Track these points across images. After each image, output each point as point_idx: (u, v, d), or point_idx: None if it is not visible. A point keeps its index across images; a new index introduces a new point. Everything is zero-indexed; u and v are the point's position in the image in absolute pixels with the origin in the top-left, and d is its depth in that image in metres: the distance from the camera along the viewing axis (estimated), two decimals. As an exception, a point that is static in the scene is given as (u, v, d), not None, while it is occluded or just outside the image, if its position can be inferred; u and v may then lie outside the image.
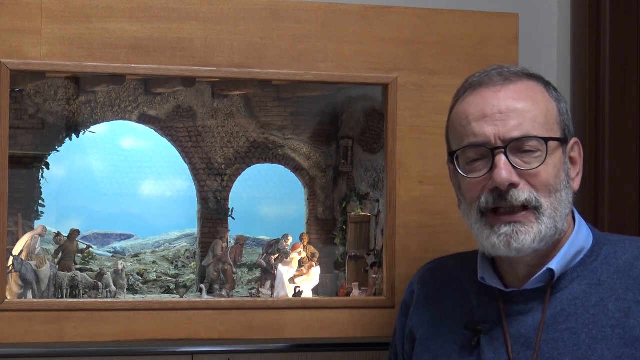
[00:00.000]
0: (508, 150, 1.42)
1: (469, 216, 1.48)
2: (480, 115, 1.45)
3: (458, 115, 1.50)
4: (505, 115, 1.43)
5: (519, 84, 1.47)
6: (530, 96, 1.46)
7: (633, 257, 1.48)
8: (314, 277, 2.07)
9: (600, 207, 2.04)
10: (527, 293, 1.48)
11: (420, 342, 1.59)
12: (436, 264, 1.69)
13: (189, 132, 2.08)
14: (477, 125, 1.45)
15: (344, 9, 1.89)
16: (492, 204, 1.43)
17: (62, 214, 2.02)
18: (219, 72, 1.85)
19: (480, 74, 1.51)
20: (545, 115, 1.46)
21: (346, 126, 2.14)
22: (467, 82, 1.52)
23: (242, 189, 2.13)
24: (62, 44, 1.77)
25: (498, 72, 1.49)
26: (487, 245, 1.45)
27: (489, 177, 1.43)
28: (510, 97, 1.45)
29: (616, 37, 2.05)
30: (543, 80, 1.52)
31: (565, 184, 1.46)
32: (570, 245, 1.49)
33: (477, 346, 1.49)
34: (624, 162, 2.04)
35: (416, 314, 1.63)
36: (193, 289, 2.09)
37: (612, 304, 1.43)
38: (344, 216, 2.13)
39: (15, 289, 1.87)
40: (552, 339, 1.43)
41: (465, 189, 1.49)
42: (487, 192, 1.44)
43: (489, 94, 1.46)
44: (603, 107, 2.05)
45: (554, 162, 1.44)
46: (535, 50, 2.11)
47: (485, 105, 1.45)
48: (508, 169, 1.42)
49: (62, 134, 2.00)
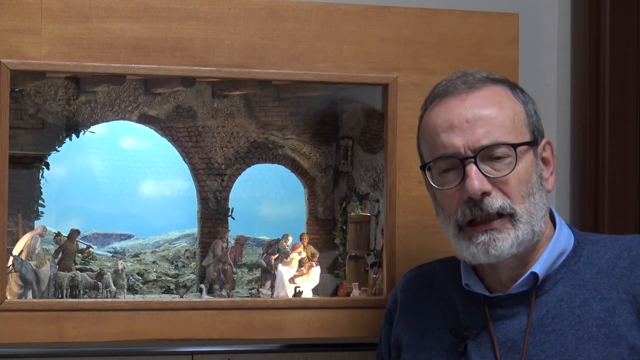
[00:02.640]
0: (478, 159, 1.43)
1: (447, 229, 1.49)
2: (447, 126, 1.46)
3: (427, 126, 1.51)
4: (473, 124, 1.44)
5: (484, 90, 1.47)
6: (497, 101, 1.46)
7: (615, 255, 1.48)
8: (314, 277, 2.07)
9: (600, 207, 2.04)
10: (512, 297, 1.48)
11: (407, 349, 1.59)
12: (418, 271, 1.69)
13: (189, 132, 2.08)
14: (446, 137, 1.45)
15: (344, 9, 1.89)
16: (469, 216, 1.44)
17: (62, 214, 2.02)
18: (219, 72, 1.86)
19: (446, 83, 1.51)
20: (513, 119, 1.46)
21: (346, 126, 2.14)
22: (433, 92, 1.53)
23: (242, 189, 2.13)
24: (62, 44, 1.77)
25: (463, 80, 1.49)
26: (467, 255, 1.46)
27: (462, 188, 1.44)
28: (476, 105, 1.45)
29: (616, 37, 2.05)
30: (509, 83, 1.52)
31: (538, 187, 1.46)
32: (553, 247, 1.49)
33: (465, 352, 1.49)
34: (624, 162, 2.05)
35: (401, 322, 1.64)
36: (193, 289, 2.09)
37: (596, 304, 1.44)
38: (344, 216, 2.13)
39: (15, 289, 1.87)
40: (539, 341, 1.44)
41: (441, 201, 1.50)
42: (463, 205, 1.44)
43: (455, 103, 1.47)
44: (603, 107, 2.05)
45: (525, 166, 1.45)
46: (535, 50, 2.11)
47: (451, 115, 1.46)
48: (479, 178, 1.42)
49: (62, 134, 2.00)
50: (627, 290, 1.43)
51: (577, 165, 2.10)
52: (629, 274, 1.45)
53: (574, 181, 2.11)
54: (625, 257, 1.47)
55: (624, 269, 1.46)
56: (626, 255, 1.47)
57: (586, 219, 2.04)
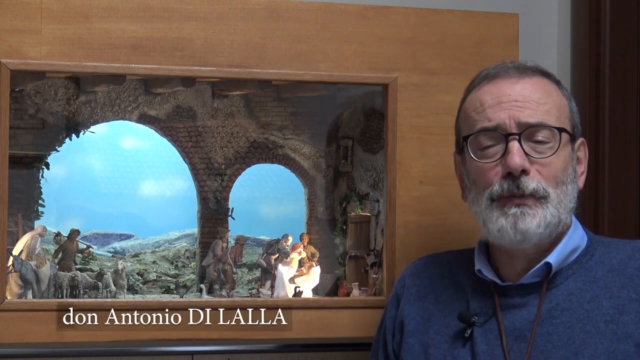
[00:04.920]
0: (522, 137, 1.44)
1: (479, 202, 1.49)
2: (495, 102, 1.48)
3: (472, 103, 1.52)
4: (522, 104, 1.46)
5: (534, 78, 1.50)
6: (546, 90, 1.49)
7: (627, 256, 1.50)
8: (314, 277, 2.07)
9: (600, 207, 2.04)
10: (524, 287, 1.49)
11: (411, 333, 1.59)
12: (430, 258, 1.70)
13: (189, 132, 2.08)
14: (492, 111, 1.47)
15: (344, 9, 1.89)
16: (507, 192, 1.44)
17: (62, 214, 2.02)
18: (219, 72, 1.85)
19: (496, 67, 1.53)
20: (559, 109, 1.49)
21: (346, 126, 2.14)
22: (482, 74, 1.54)
23: (242, 189, 2.13)
24: (62, 44, 1.77)
25: (515, 66, 1.52)
26: (493, 229, 1.46)
27: (501, 163, 1.45)
28: (526, 89, 1.48)
29: (616, 37, 2.05)
30: (555, 78, 1.55)
31: (572, 178, 1.49)
32: (567, 242, 1.50)
33: (470, 338, 1.50)
34: (624, 162, 2.05)
35: (407, 305, 1.63)
36: (193, 289, 2.09)
37: (606, 301, 1.45)
38: (344, 216, 2.13)
39: (15, 289, 1.87)
40: (547, 332, 1.45)
41: (476, 175, 1.50)
42: (501, 179, 1.45)
43: (506, 84, 1.49)
44: (603, 107, 2.05)
45: (564, 154, 1.47)
46: (535, 50, 2.11)
47: (501, 94, 1.48)
48: (521, 155, 1.44)
49: (62, 134, 2.00)
50: (637, 290, 1.45)
51: (577, 165, 2.10)
52: None
53: (574, 181, 2.11)
54: (637, 259, 1.49)
55: (635, 269, 1.47)
56: (638, 256, 1.49)
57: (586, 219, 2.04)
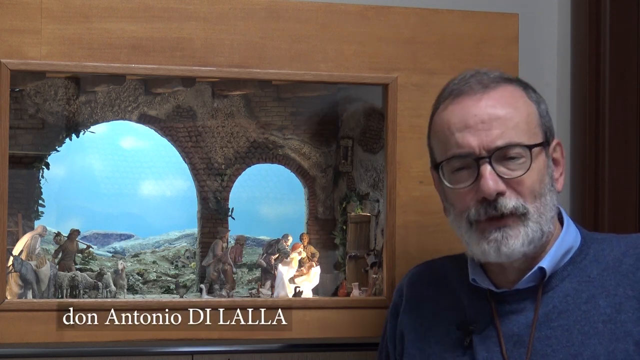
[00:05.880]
0: (492, 159, 1.43)
1: (459, 225, 1.49)
2: (462, 125, 1.46)
3: (440, 125, 1.50)
4: (488, 125, 1.44)
5: (499, 89, 1.48)
6: (511, 102, 1.47)
7: (621, 253, 1.49)
8: (314, 277, 2.07)
9: (601, 207, 2.04)
10: (519, 293, 1.49)
11: (411, 343, 1.60)
12: (425, 266, 1.70)
13: (189, 132, 2.08)
14: (461, 136, 1.45)
15: (344, 9, 1.89)
16: (483, 216, 1.44)
17: (62, 214, 2.02)
18: (219, 72, 1.85)
19: (459, 81, 1.51)
20: (527, 120, 1.47)
21: (346, 126, 2.14)
22: (446, 90, 1.52)
23: (242, 189, 2.13)
24: (62, 44, 1.77)
25: (477, 80, 1.49)
26: (477, 251, 1.47)
27: (475, 187, 1.44)
28: (491, 106, 1.45)
29: (616, 37, 2.04)
30: (521, 83, 1.52)
31: (550, 187, 1.48)
32: (559, 244, 1.50)
33: (470, 346, 1.50)
34: (624, 162, 2.04)
35: (406, 316, 1.64)
36: (193, 289, 2.09)
37: (603, 300, 1.45)
38: (344, 216, 2.13)
39: (15, 289, 1.87)
40: (545, 336, 1.45)
41: (453, 199, 1.50)
42: (477, 204, 1.45)
43: (470, 102, 1.47)
44: (603, 107, 2.05)
45: (538, 167, 1.46)
46: (535, 50, 2.11)
47: (467, 115, 1.46)
48: (494, 178, 1.43)
49: (62, 134, 2.00)
50: (633, 287, 1.45)
51: (577, 165, 2.10)
52: (635, 271, 1.46)
53: (574, 181, 2.11)
54: (632, 255, 1.48)
55: (630, 266, 1.47)
56: (632, 252, 1.48)
57: (586, 219, 2.04)
